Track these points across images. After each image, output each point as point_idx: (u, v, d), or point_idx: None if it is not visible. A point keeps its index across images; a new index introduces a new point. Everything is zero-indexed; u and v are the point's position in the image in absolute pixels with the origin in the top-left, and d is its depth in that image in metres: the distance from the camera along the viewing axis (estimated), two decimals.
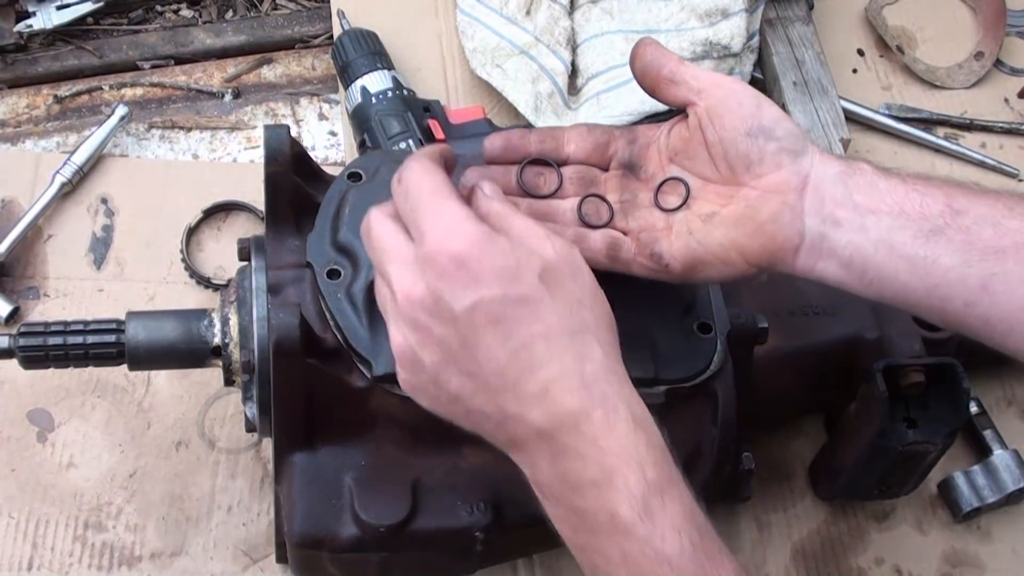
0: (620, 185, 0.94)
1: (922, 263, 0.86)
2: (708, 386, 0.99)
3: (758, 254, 0.89)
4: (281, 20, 1.50)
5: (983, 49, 1.49)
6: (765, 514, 1.20)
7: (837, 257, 0.88)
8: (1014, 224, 0.85)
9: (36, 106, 1.41)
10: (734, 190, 0.90)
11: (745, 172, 0.89)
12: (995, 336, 0.87)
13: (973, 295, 0.85)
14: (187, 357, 1.02)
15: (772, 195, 0.88)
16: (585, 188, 0.94)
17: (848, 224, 0.87)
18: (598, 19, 1.38)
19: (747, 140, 0.89)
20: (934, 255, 0.85)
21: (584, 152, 0.95)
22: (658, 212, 0.92)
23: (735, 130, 0.89)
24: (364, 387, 0.95)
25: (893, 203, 0.87)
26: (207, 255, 1.30)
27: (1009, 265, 0.84)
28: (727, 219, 0.89)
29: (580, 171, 0.95)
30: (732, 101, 0.90)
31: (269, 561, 1.13)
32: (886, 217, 0.87)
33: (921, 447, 1.09)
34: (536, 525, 1.01)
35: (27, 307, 1.26)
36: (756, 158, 0.89)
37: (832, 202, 0.88)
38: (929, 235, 0.86)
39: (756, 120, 0.89)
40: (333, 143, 1.40)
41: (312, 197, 1.04)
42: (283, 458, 0.99)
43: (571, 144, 0.95)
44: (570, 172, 0.95)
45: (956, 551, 1.19)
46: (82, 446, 1.18)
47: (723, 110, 0.89)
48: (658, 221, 0.92)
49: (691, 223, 0.90)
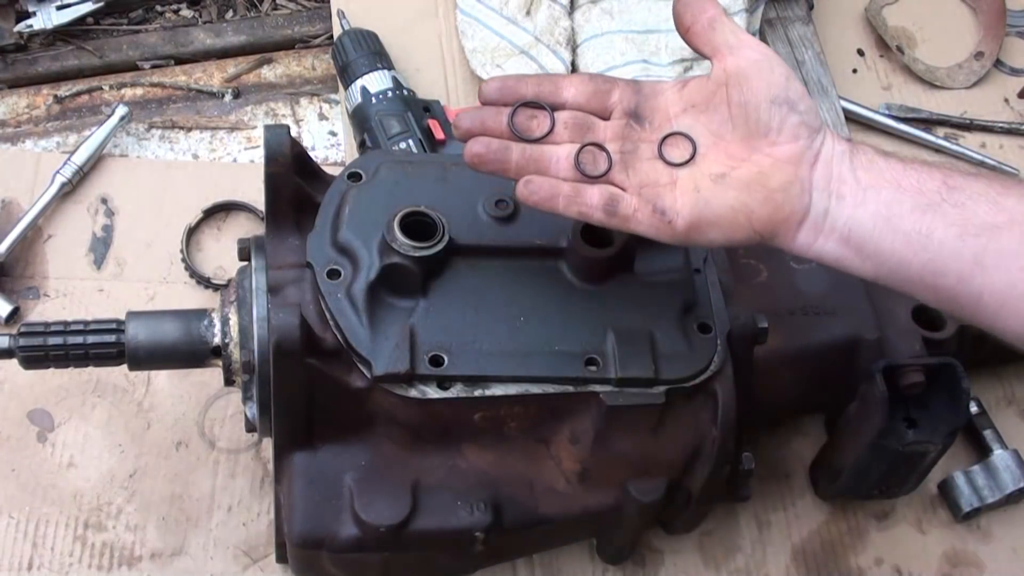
0: (621, 135, 0.92)
1: (917, 237, 0.86)
2: (708, 386, 0.99)
3: (764, 222, 0.89)
4: (281, 20, 1.50)
5: (983, 49, 1.49)
6: (765, 514, 1.20)
7: (837, 233, 0.88)
8: (1010, 202, 0.86)
9: (36, 106, 1.41)
10: (747, 154, 0.89)
11: (762, 138, 0.89)
12: (986, 314, 0.87)
13: (966, 269, 0.85)
14: (187, 357, 1.02)
15: (785, 165, 0.88)
16: (581, 135, 0.92)
17: (850, 198, 0.88)
18: (598, 19, 1.38)
19: (771, 107, 0.89)
20: (929, 229, 0.86)
21: (583, 97, 0.93)
22: (661, 166, 0.90)
23: (761, 95, 0.89)
24: (364, 387, 0.95)
25: (891, 178, 0.88)
26: (207, 255, 1.30)
27: (1003, 240, 0.85)
28: (738, 181, 0.88)
29: (576, 117, 0.92)
30: (764, 66, 0.90)
31: (269, 561, 1.13)
32: (885, 191, 0.87)
33: (921, 447, 1.09)
34: (536, 525, 1.02)
35: (27, 307, 1.26)
36: (776, 127, 0.89)
37: (837, 179, 0.88)
38: (926, 209, 0.86)
39: (783, 90, 0.89)
40: (333, 143, 1.40)
41: (312, 197, 1.04)
42: (283, 458, 0.99)
43: (570, 88, 0.93)
44: (565, 117, 0.92)
45: (956, 551, 1.19)
46: (82, 446, 1.18)
47: (753, 73, 0.89)
48: (661, 176, 0.90)
49: (699, 181, 0.89)
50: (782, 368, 1.10)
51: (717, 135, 0.90)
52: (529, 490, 1.01)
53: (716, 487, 1.04)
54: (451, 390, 0.95)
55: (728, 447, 1.00)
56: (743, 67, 0.90)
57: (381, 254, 0.97)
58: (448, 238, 0.98)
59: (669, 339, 0.98)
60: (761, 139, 0.89)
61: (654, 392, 0.97)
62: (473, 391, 0.95)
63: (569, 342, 0.97)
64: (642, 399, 0.96)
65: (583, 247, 0.98)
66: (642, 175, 0.90)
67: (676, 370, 0.97)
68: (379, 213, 0.99)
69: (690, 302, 1.01)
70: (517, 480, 1.01)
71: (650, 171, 0.90)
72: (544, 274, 1.00)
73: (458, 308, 0.97)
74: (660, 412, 0.98)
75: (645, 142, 0.91)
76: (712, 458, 1.01)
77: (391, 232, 0.96)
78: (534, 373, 0.96)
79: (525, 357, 0.96)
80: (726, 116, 0.90)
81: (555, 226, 1.01)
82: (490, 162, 0.90)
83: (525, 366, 0.96)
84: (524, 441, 1.01)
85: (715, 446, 1.00)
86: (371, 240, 0.98)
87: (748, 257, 1.14)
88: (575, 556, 1.16)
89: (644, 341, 0.97)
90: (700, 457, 1.01)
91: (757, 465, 1.08)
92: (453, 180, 1.04)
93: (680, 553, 1.17)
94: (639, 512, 1.03)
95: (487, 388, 0.96)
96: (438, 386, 0.95)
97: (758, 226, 0.89)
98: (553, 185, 0.89)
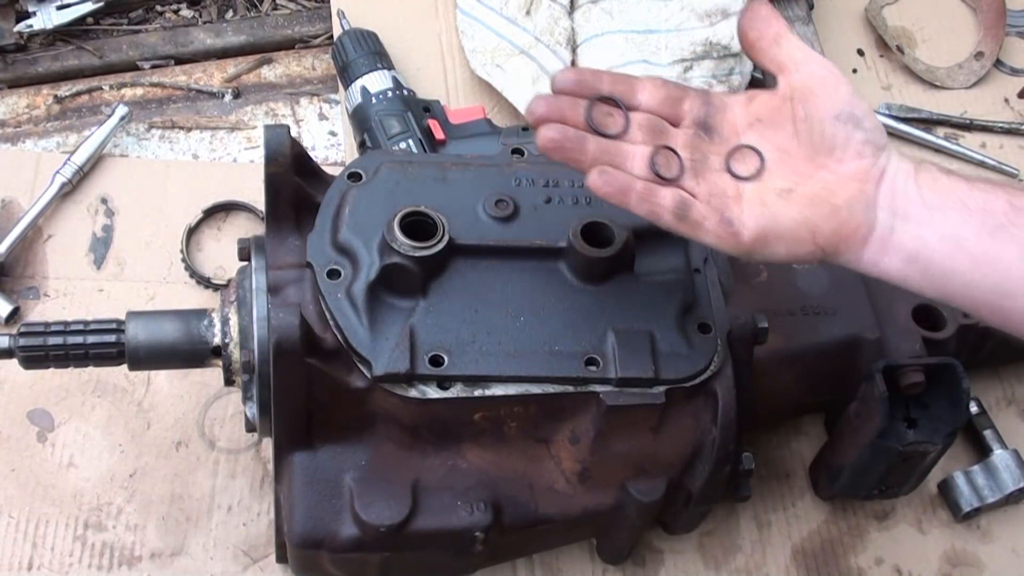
0: (690, 144, 0.92)
1: (985, 259, 0.86)
2: (708, 386, 0.99)
3: (828, 238, 0.88)
4: (281, 20, 1.50)
5: (983, 49, 1.49)
6: (765, 514, 1.20)
7: (903, 252, 0.88)
8: None
9: (36, 106, 1.41)
10: (812, 170, 0.89)
11: (827, 155, 0.89)
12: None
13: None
14: (187, 357, 1.02)
15: (850, 182, 0.88)
16: (653, 138, 0.92)
17: (916, 218, 0.88)
18: (598, 19, 1.38)
19: (836, 124, 0.89)
20: (997, 251, 0.86)
21: (656, 102, 0.93)
22: (728, 178, 0.90)
23: (826, 111, 0.89)
24: (364, 387, 0.95)
25: (957, 199, 0.88)
26: (207, 255, 1.30)
27: None
28: (803, 197, 0.89)
29: (650, 120, 0.93)
30: (830, 82, 0.90)
31: (269, 561, 1.13)
32: (951, 211, 0.87)
33: (921, 447, 1.09)
34: (536, 525, 1.02)
35: (27, 307, 1.26)
36: (841, 143, 0.89)
37: (903, 197, 0.88)
38: (993, 231, 0.86)
39: (849, 107, 0.89)
40: (333, 143, 1.40)
41: (312, 197, 1.04)
42: (283, 458, 0.99)
43: (644, 92, 0.93)
44: (639, 119, 0.92)
45: (956, 551, 1.19)
46: (82, 446, 1.18)
47: (819, 88, 0.90)
48: (728, 187, 0.90)
49: (764, 195, 0.89)
50: (782, 368, 1.10)
51: (783, 150, 0.91)
52: (529, 490, 1.01)
53: (716, 487, 1.04)
54: (451, 390, 0.95)
55: (728, 447, 1.00)
56: (808, 83, 0.90)
57: (381, 254, 0.97)
58: (448, 238, 0.98)
59: (669, 339, 0.98)
60: (826, 155, 0.89)
61: (654, 392, 0.97)
62: (473, 391, 0.95)
63: (569, 342, 0.97)
64: (642, 399, 0.96)
65: (583, 247, 0.98)
66: (710, 185, 0.90)
67: (676, 370, 0.97)
68: (379, 213, 0.99)
69: (690, 302, 1.01)
70: (517, 480, 1.01)
71: (718, 182, 0.91)
72: (544, 274, 1.00)
73: (458, 308, 0.97)
74: (660, 412, 0.98)
75: (714, 153, 0.92)
76: (712, 458, 1.01)
77: (391, 232, 0.96)
78: (534, 373, 0.96)
79: (525, 357, 0.96)
80: (791, 131, 0.90)
81: (555, 226, 1.01)
82: (566, 150, 0.90)
83: (525, 366, 0.96)
84: (524, 441, 1.01)
85: (715, 446, 1.00)
86: (371, 240, 0.98)
87: None
88: (575, 556, 1.16)
89: (644, 341, 0.97)
90: (700, 457, 1.02)
91: (757, 465, 1.08)
92: (453, 180, 1.04)
93: (680, 553, 1.17)
94: (639, 512, 1.03)
95: (487, 388, 0.96)
96: (438, 386, 0.95)
97: (822, 241, 0.89)
98: (628, 180, 0.89)
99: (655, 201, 0.88)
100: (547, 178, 1.06)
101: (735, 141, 0.92)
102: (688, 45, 1.34)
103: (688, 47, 1.34)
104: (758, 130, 0.91)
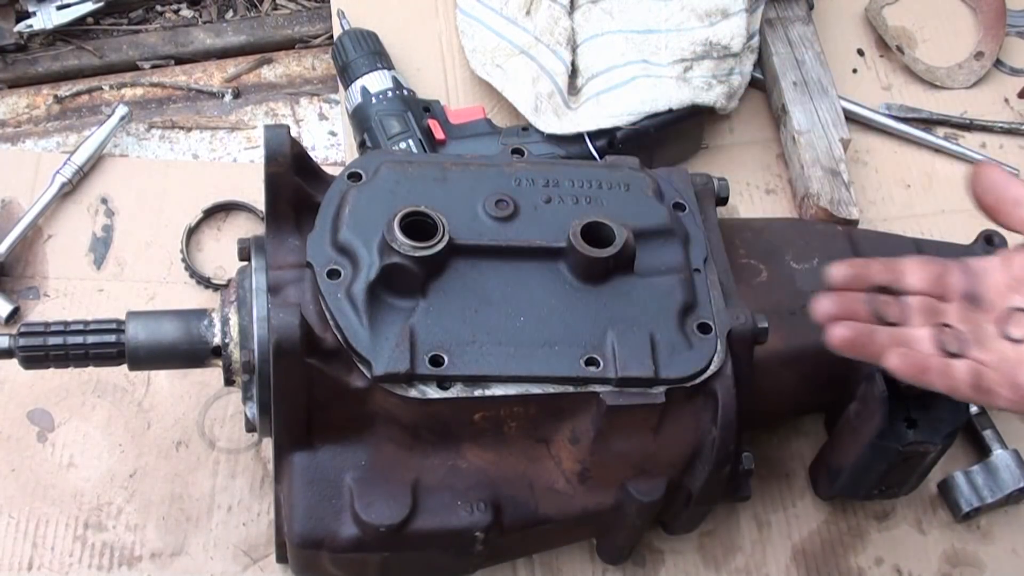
0: (964, 317, 0.95)
1: None
2: (708, 386, 0.99)
3: None
4: (281, 20, 1.50)
5: (983, 49, 1.49)
6: (765, 514, 1.20)
7: None
8: None
9: (36, 106, 1.41)
10: None
11: None
12: None
13: None
14: (187, 357, 1.02)
15: None
16: (930, 317, 0.96)
17: None
18: (598, 19, 1.38)
19: None
20: None
21: (923, 283, 0.97)
22: (1008, 344, 0.93)
23: None
24: (364, 387, 0.95)
25: None
26: (207, 255, 1.30)
27: None
28: None
29: (924, 302, 0.96)
30: None
31: (269, 561, 1.13)
32: None
33: (921, 447, 1.09)
34: (536, 525, 1.02)
35: (27, 307, 1.26)
36: None
37: None
38: None
39: None
40: (333, 143, 1.40)
41: (312, 197, 1.04)
42: (283, 458, 0.99)
43: (912, 275, 0.97)
44: (915, 302, 0.97)
45: (956, 551, 1.19)
46: (82, 446, 1.18)
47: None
48: (1009, 352, 0.92)
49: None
50: (782, 368, 1.10)
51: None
52: (529, 490, 1.01)
53: (716, 487, 1.04)
54: (451, 390, 0.95)
55: (728, 447, 1.00)
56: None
57: (381, 254, 0.97)
58: (448, 238, 0.98)
59: (669, 339, 0.98)
60: None
61: (654, 392, 0.97)
62: (473, 391, 0.95)
63: (569, 342, 0.97)
64: (642, 399, 0.97)
65: (583, 247, 0.98)
66: (993, 352, 0.93)
67: (676, 370, 0.97)
68: (379, 213, 0.99)
69: (690, 302, 1.01)
70: (517, 480, 1.01)
71: (998, 348, 0.93)
72: (544, 274, 1.00)
73: (458, 308, 0.97)
74: (660, 412, 0.98)
75: (986, 322, 0.94)
76: (712, 458, 1.01)
77: (391, 232, 0.96)
78: (534, 373, 0.96)
79: (525, 357, 0.96)
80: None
81: (555, 226, 1.01)
82: (860, 345, 0.94)
83: (525, 366, 0.96)
84: (524, 441, 1.01)
85: (715, 446, 1.00)
86: (371, 240, 0.98)
87: (748, 257, 1.14)
88: (575, 556, 1.16)
89: (644, 341, 0.97)
90: (700, 457, 1.02)
91: (757, 465, 1.08)
92: (453, 180, 1.04)
93: (680, 553, 1.17)
94: (639, 512, 1.03)
95: (487, 388, 0.96)
96: (438, 386, 0.95)
97: None
98: (924, 359, 0.93)
99: (952, 375, 0.92)
100: (547, 178, 1.06)
101: (1003, 305, 0.94)
102: (688, 45, 1.34)
103: (688, 47, 1.34)
104: (1021, 292, 0.94)
